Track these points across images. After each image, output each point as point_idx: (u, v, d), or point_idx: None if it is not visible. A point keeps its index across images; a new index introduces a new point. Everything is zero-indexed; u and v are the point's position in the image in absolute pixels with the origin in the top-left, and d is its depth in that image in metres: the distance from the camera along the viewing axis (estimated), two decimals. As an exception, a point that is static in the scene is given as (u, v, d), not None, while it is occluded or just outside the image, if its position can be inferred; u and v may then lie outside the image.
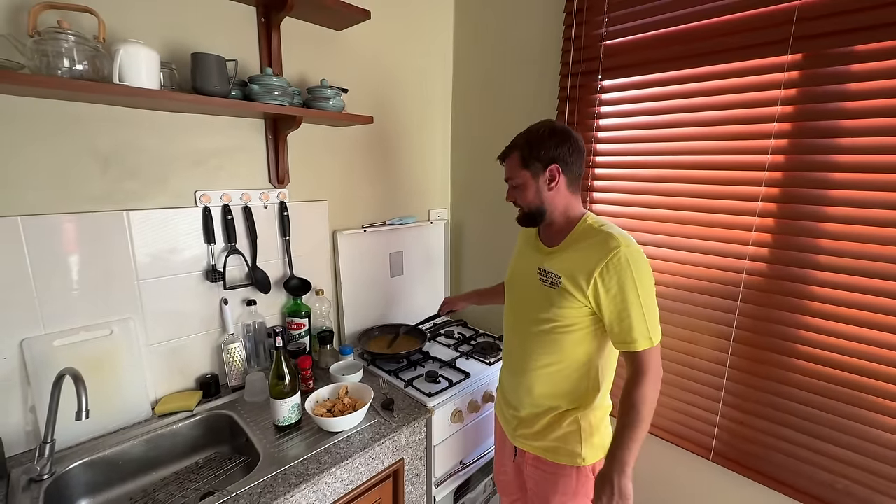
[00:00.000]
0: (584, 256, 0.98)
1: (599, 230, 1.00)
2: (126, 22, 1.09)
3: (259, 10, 1.32)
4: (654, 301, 0.98)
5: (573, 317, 1.01)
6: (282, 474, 1.03)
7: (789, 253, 1.15)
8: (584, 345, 1.04)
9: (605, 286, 0.95)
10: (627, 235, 0.99)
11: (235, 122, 1.33)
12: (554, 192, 1.03)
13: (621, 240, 0.95)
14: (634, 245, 0.97)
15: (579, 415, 1.06)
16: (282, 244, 1.49)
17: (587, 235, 1.02)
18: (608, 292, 0.95)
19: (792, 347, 1.17)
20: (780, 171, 1.14)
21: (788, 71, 1.10)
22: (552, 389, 1.08)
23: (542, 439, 1.09)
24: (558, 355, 1.05)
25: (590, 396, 1.06)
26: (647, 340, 0.95)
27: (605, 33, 1.41)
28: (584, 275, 0.97)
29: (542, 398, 1.09)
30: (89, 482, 1.08)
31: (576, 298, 0.99)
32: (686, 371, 1.37)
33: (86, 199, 1.10)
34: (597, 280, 0.95)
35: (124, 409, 1.19)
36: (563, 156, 1.00)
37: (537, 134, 1.02)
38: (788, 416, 1.19)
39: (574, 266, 0.99)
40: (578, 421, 1.06)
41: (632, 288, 0.93)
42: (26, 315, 1.05)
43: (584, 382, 1.06)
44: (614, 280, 0.94)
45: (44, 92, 0.95)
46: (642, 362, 0.96)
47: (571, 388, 1.07)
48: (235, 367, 1.38)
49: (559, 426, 1.07)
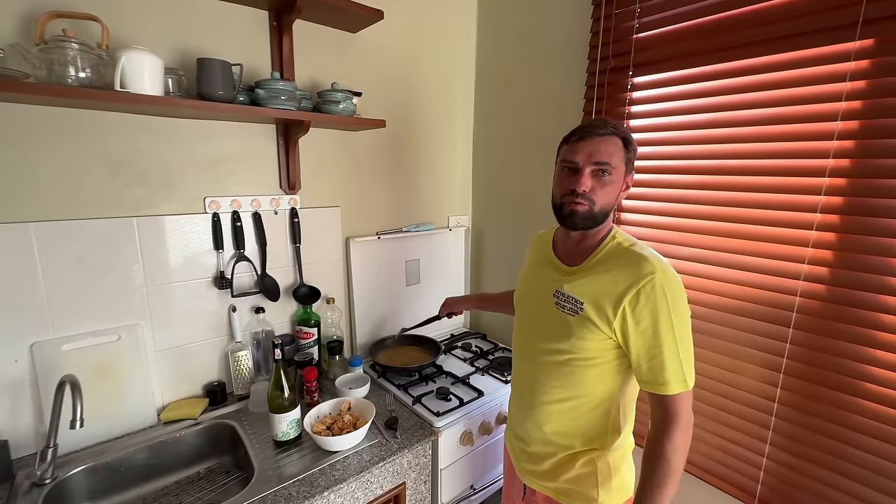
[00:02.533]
0: (612, 281, 0.85)
1: (630, 250, 0.87)
2: (137, 29, 1.10)
3: (271, 14, 1.30)
4: (691, 338, 0.84)
5: (595, 350, 0.88)
6: (272, 496, 0.98)
7: (854, 274, 0.98)
8: (606, 381, 0.90)
9: (634, 317, 0.82)
10: (663, 259, 0.85)
11: (245, 128, 1.31)
12: (620, 201, 0.92)
13: (657, 264, 0.82)
14: (671, 271, 0.83)
15: (595, 455, 0.93)
16: (292, 251, 1.46)
17: (615, 256, 0.88)
18: (638, 325, 0.82)
19: (856, 385, 0.99)
20: (844, 178, 0.97)
21: (856, 60, 0.93)
22: (565, 428, 0.95)
23: (553, 480, 0.97)
24: (574, 390, 0.92)
25: (608, 438, 0.93)
26: (681, 383, 0.82)
27: (636, 25, 1.28)
28: (611, 302, 0.84)
29: (553, 436, 0.96)
30: (90, 488, 1.08)
31: (599, 329, 0.86)
32: (727, 404, 1.21)
33: (95, 205, 1.11)
34: (626, 309, 0.82)
35: (130, 414, 1.20)
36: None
37: (624, 129, 0.89)
38: (851, 465, 1.01)
39: (599, 291, 0.86)
40: (595, 462, 0.93)
41: (666, 321, 0.80)
42: (37, 319, 1.07)
43: (603, 422, 0.93)
44: (646, 311, 0.81)
45: (50, 100, 0.96)
46: (674, 408, 0.82)
47: (588, 428, 0.93)
48: (242, 376, 1.36)
49: (571, 467, 0.94)
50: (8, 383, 1.05)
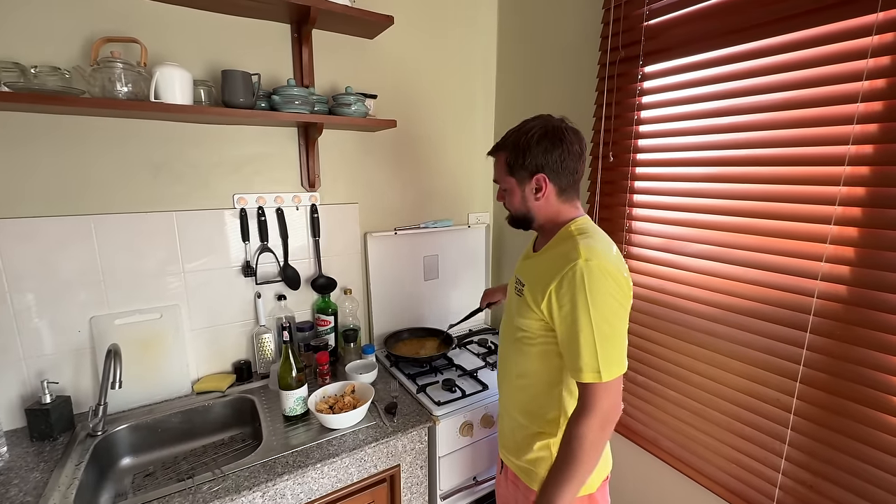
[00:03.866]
0: (548, 266, 0.88)
1: (572, 238, 0.88)
2: (172, 48, 1.26)
3: (293, 27, 1.42)
4: (615, 329, 0.83)
5: (534, 328, 0.93)
6: (271, 462, 1.08)
7: (877, 273, 0.87)
8: (548, 362, 0.93)
9: (558, 302, 0.85)
10: (599, 248, 0.85)
11: (269, 131, 1.45)
12: (542, 201, 0.93)
13: (584, 252, 0.83)
14: (600, 260, 0.83)
15: (551, 441, 0.94)
16: (312, 244, 1.58)
17: (561, 243, 0.91)
18: (560, 310, 0.85)
19: (882, 399, 0.88)
20: (866, 166, 0.87)
21: (878, 34, 0.83)
22: (522, 405, 1.00)
23: (517, 457, 1.01)
24: (525, 367, 0.98)
25: (560, 425, 0.93)
26: (593, 373, 0.81)
27: (647, 12, 1.23)
28: (542, 287, 0.88)
29: (515, 413, 1.02)
30: (133, 443, 1.26)
31: (533, 311, 0.91)
32: (740, 413, 1.12)
33: (141, 201, 1.29)
34: (552, 294, 0.85)
35: (168, 383, 1.37)
36: (553, 163, 0.90)
37: (526, 136, 0.92)
38: (875, 488, 0.90)
39: (537, 275, 0.91)
40: (550, 447, 0.94)
41: (584, 309, 0.81)
42: (95, 297, 1.27)
43: (554, 408, 0.94)
44: (567, 297, 0.83)
45: (100, 112, 1.14)
46: (589, 397, 0.84)
47: (541, 410, 0.96)
48: (265, 356, 1.50)
49: (530, 448, 0.97)
50: (72, 349, 1.26)
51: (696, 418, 1.22)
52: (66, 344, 1.24)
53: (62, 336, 1.24)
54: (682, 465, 1.27)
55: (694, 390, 1.22)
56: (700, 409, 1.21)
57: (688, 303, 1.21)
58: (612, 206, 1.40)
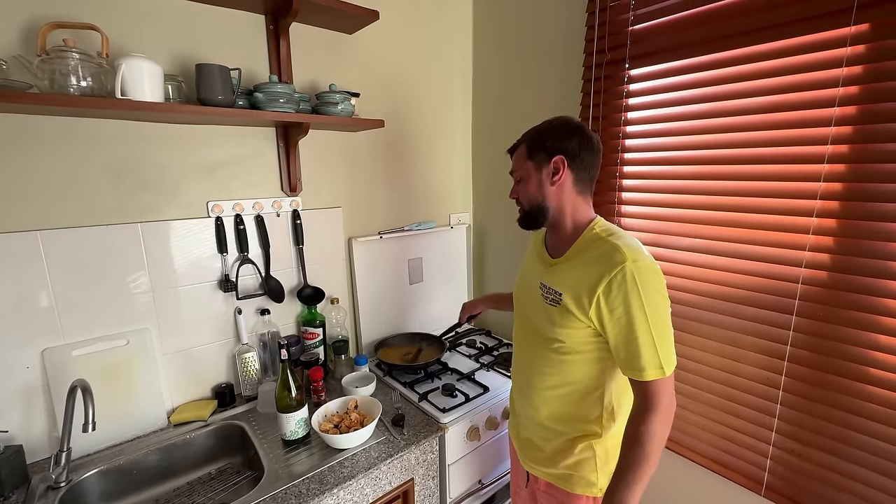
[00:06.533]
0: (587, 271, 0.87)
1: (606, 240, 0.88)
2: (136, 37, 1.11)
3: (268, 18, 1.31)
4: (667, 325, 0.85)
5: (578, 338, 0.91)
6: (282, 493, 0.99)
7: (855, 259, 0.98)
8: (594, 368, 0.93)
9: (608, 306, 0.84)
10: (638, 247, 0.87)
11: (245, 132, 1.32)
12: (557, 187, 0.92)
13: (628, 253, 0.84)
14: (645, 259, 0.85)
15: (594, 441, 0.95)
16: (295, 252, 1.47)
17: (592, 246, 0.90)
18: (612, 313, 0.84)
19: (861, 370, 1.00)
20: (843, 164, 0.97)
21: (851, 45, 0.93)
22: (561, 413, 0.98)
23: (552, 466, 0.99)
24: (565, 377, 0.95)
25: (605, 423, 0.95)
26: (657, 370, 0.83)
27: (632, 17, 1.28)
28: (587, 292, 0.86)
29: (550, 421, 0.99)
30: (104, 490, 1.10)
31: (578, 319, 0.88)
32: (731, 392, 1.21)
33: (99, 212, 1.13)
34: (600, 298, 0.84)
35: (140, 417, 1.21)
36: (572, 149, 0.90)
37: (547, 125, 0.93)
38: (858, 451, 1.01)
39: (576, 282, 0.89)
40: (593, 447, 0.95)
41: (639, 309, 0.82)
42: (47, 326, 1.09)
43: (596, 409, 0.95)
44: (619, 300, 0.83)
45: (52, 109, 0.97)
46: (652, 394, 0.84)
47: (583, 413, 0.96)
48: (250, 377, 1.38)
49: (570, 452, 0.96)
50: (21, 389, 1.07)
51: (692, 402, 1.30)
52: (12, 384, 1.05)
53: (7, 376, 1.05)
54: (679, 446, 1.35)
55: (689, 376, 1.29)
56: (696, 393, 1.29)
57: (680, 294, 1.28)
58: (602, 205, 1.44)
